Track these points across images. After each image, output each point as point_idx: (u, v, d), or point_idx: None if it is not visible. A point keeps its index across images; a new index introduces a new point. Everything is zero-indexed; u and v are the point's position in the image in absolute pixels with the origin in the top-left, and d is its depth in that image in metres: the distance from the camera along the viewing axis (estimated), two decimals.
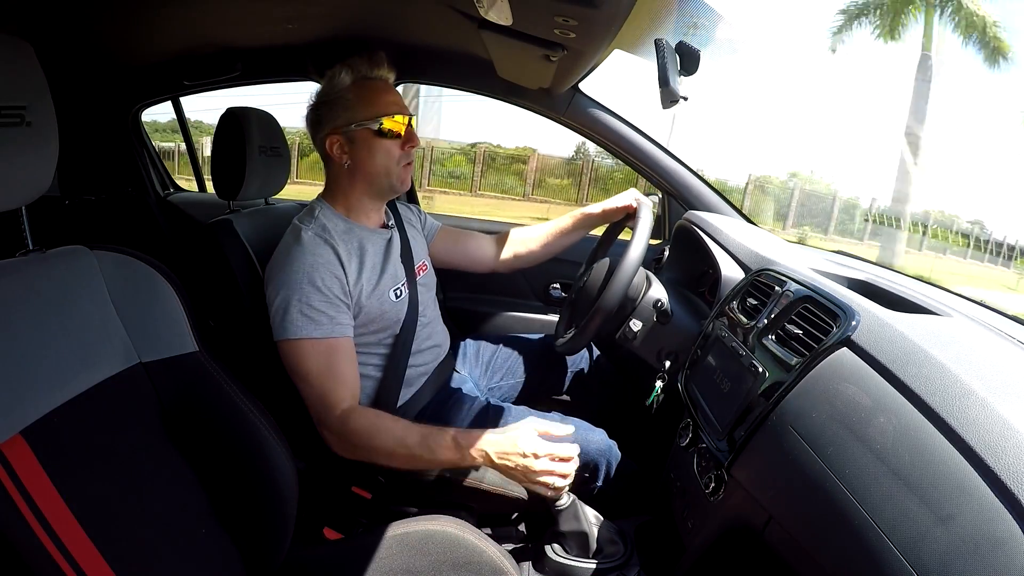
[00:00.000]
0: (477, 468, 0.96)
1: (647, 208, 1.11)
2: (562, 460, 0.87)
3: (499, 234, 1.36)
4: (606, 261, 1.17)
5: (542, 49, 0.96)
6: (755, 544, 0.69)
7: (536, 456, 0.85)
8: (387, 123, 1.01)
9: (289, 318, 0.92)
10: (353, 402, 0.94)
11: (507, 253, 1.33)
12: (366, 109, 1.01)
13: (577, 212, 1.28)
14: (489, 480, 1.03)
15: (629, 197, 1.20)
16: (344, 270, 0.97)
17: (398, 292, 1.06)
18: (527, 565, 1.01)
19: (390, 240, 1.09)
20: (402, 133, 1.03)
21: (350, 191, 1.05)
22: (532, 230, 1.34)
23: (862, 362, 0.64)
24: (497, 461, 0.87)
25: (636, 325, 1.11)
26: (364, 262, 1.01)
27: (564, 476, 0.87)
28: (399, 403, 1.07)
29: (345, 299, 0.97)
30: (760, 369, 0.77)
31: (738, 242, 1.12)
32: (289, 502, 0.77)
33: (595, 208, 1.25)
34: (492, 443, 0.88)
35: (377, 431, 0.90)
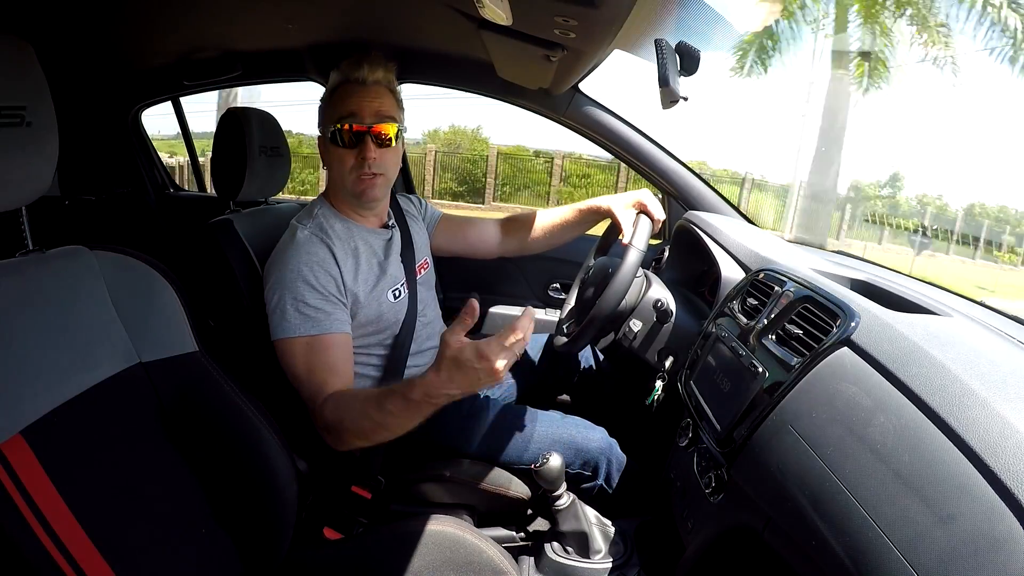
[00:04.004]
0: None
1: (645, 224, 1.09)
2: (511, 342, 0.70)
3: (503, 219, 1.34)
4: (605, 263, 1.17)
5: (542, 49, 0.96)
6: (755, 545, 0.69)
7: (486, 359, 0.69)
8: (337, 129, 0.98)
9: (286, 316, 0.92)
10: (335, 390, 0.90)
11: (512, 238, 1.31)
12: (330, 113, 1.00)
13: (583, 204, 1.26)
14: (489, 480, 1.03)
15: (636, 203, 1.17)
16: (339, 269, 0.97)
17: (397, 293, 1.06)
18: (527, 565, 1.01)
19: (390, 240, 1.09)
20: (352, 141, 0.98)
21: (337, 193, 1.06)
22: (537, 216, 1.31)
23: (862, 362, 0.64)
24: (457, 390, 0.74)
25: (636, 325, 1.11)
26: (360, 263, 1.01)
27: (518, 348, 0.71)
28: None
29: (341, 297, 0.96)
30: (760, 369, 0.77)
31: (738, 242, 1.12)
32: (289, 502, 0.77)
33: (601, 203, 1.23)
34: (441, 380, 0.73)
35: (345, 412, 0.85)
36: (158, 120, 2.12)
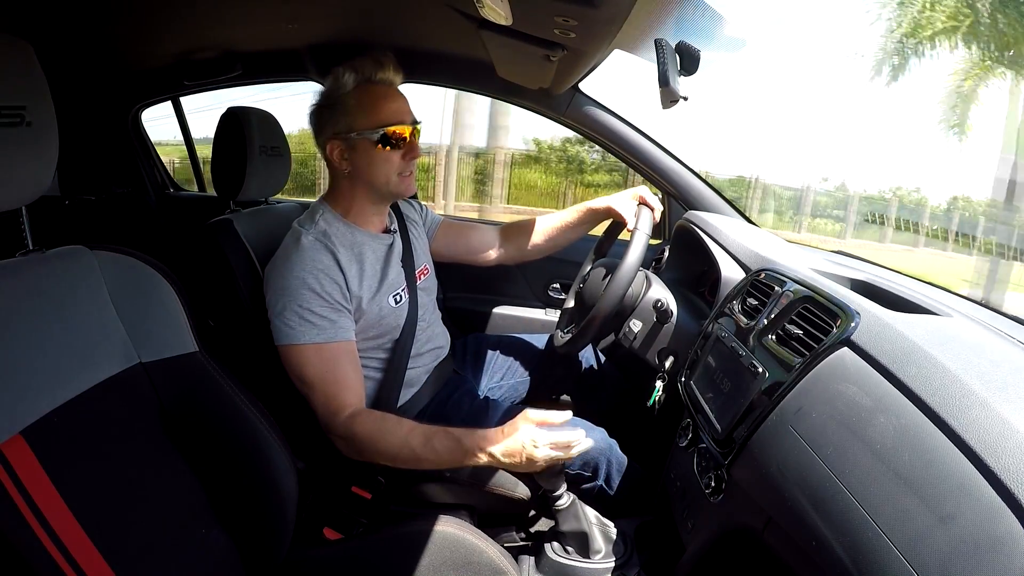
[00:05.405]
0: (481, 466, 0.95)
1: (647, 213, 1.09)
2: (566, 446, 0.86)
3: (503, 225, 1.34)
4: (605, 263, 1.17)
5: (542, 49, 0.96)
6: (755, 545, 0.69)
7: (536, 445, 0.84)
8: (388, 133, 0.98)
9: (290, 323, 0.92)
10: (358, 405, 0.94)
11: (511, 245, 1.31)
12: (367, 117, 0.98)
13: (582, 206, 1.26)
14: (489, 480, 1.03)
15: (635, 196, 1.17)
16: (344, 276, 0.96)
17: (398, 298, 1.06)
18: (527, 565, 1.01)
19: (391, 245, 1.09)
20: (404, 143, 1.00)
21: (351, 196, 1.04)
22: (537, 222, 1.31)
23: (862, 362, 0.64)
24: (503, 460, 0.86)
25: (636, 325, 1.11)
26: (364, 268, 1.01)
27: (568, 457, 0.87)
28: (399, 403, 1.07)
29: (345, 304, 0.96)
30: (760, 369, 0.77)
31: (738, 242, 1.12)
32: (289, 502, 0.77)
33: (599, 203, 1.23)
34: (496, 442, 0.86)
35: (381, 435, 0.90)
36: (166, 123, 2.11)
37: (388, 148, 0.99)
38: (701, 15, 0.81)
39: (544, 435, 0.86)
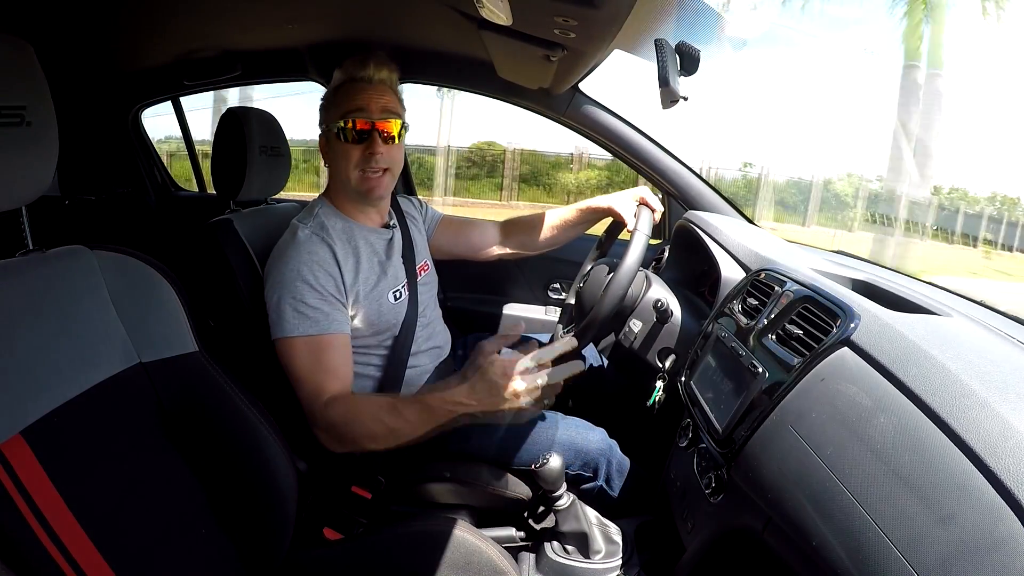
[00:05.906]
0: (459, 420, 0.89)
1: (647, 214, 1.09)
2: (539, 367, 0.84)
3: (503, 221, 1.35)
4: (606, 262, 1.17)
5: (542, 49, 0.96)
6: (755, 545, 0.69)
7: (509, 377, 0.82)
8: (346, 125, 0.98)
9: (284, 316, 0.92)
10: (337, 392, 0.92)
11: (512, 240, 1.31)
12: (335, 111, 1.00)
13: (583, 204, 1.26)
14: (489, 480, 1.03)
15: (636, 196, 1.18)
16: (340, 269, 0.97)
17: (397, 294, 1.06)
18: (527, 565, 1.01)
19: (391, 240, 1.09)
20: (362, 137, 0.99)
21: (337, 191, 1.06)
22: (537, 218, 1.31)
23: (862, 362, 0.63)
24: (477, 404, 0.83)
25: (636, 325, 1.11)
26: (361, 262, 1.01)
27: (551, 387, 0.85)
28: None
29: (340, 297, 0.96)
30: (760, 369, 0.76)
31: (738, 242, 1.12)
32: (289, 502, 0.77)
33: (600, 202, 1.23)
34: (463, 392, 0.84)
35: (355, 416, 0.89)
36: (166, 120, 2.12)
37: (347, 141, 0.99)
38: (701, 15, 0.81)
39: (512, 366, 0.83)
